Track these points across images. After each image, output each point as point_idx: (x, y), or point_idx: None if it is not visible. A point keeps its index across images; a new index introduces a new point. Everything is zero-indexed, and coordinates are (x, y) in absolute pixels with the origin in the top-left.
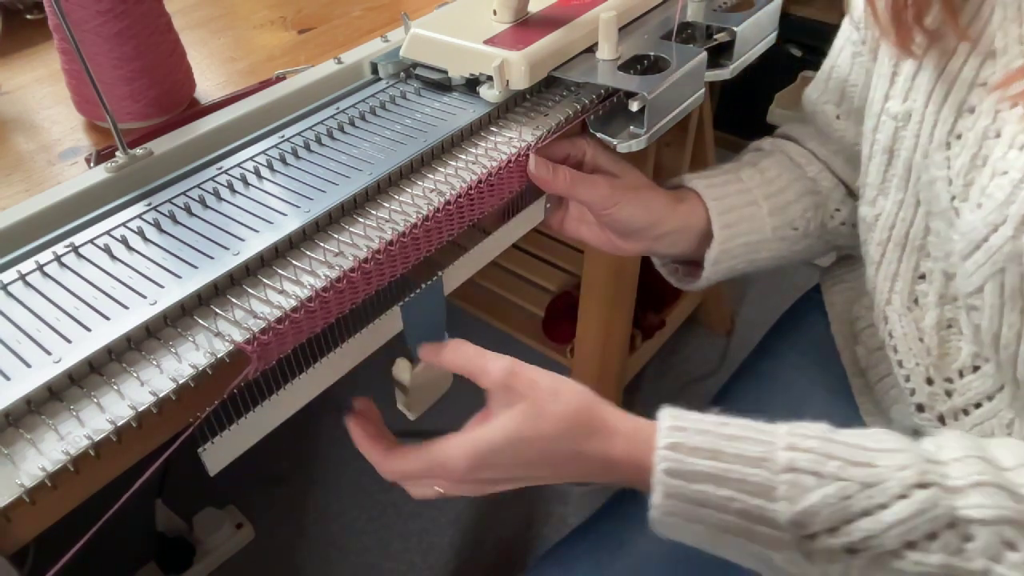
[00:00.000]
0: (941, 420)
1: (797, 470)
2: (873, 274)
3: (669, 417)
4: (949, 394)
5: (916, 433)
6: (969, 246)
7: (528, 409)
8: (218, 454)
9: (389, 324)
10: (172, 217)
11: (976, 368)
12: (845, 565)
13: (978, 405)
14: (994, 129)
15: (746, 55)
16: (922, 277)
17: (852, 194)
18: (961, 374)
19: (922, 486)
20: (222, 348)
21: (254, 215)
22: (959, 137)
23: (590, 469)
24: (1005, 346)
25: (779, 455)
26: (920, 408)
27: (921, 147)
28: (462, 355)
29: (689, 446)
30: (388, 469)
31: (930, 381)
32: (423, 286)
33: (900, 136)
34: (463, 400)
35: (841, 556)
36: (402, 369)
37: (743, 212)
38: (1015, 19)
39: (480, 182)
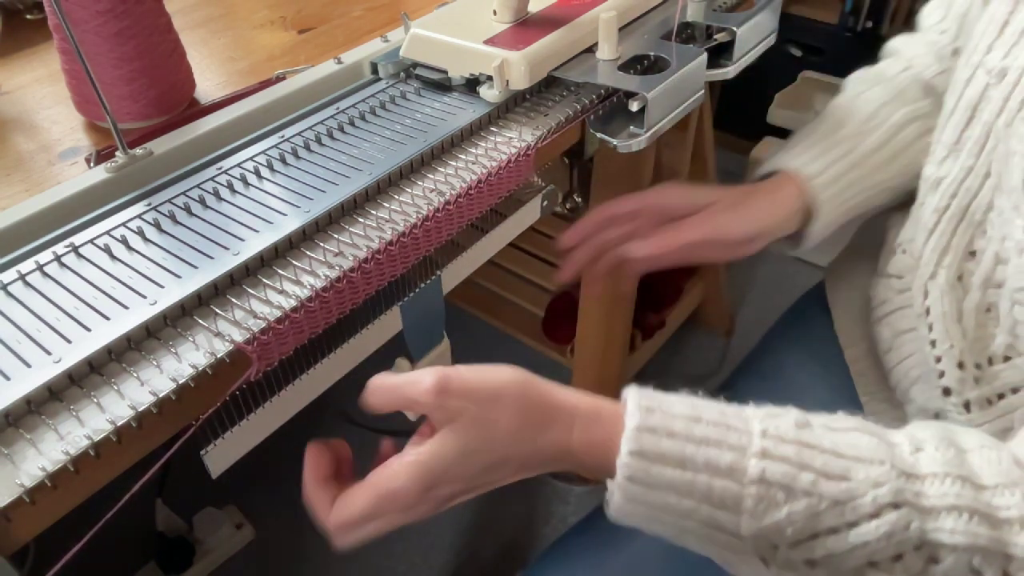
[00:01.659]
0: (967, 407)
1: (767, 482)
2: (922, 242)
3: (636, 412)
4: (978, 381)
5: (937, 416)
6: None
7: (473, 420)
8: (221, 456)
9: (389, 324)
10: (172, 217)
11: (1007, 359)
12: (803, 575)
13: (1002, 396)
14: None
15: (746, 55)
16: (972, 254)
17: None
18: (991, 361)
19: (895, 505)
20: (222, 348)
21: (254, 215)
22: None
23: (548, 460)
24: None
25: (750, 465)
26: (947, 392)
27: (1007, 112)
28: (382, 391)
29: (656, 452)
30: (335, 522)
31: (961, 365)
32: (422, 285)
33: (988, 95)
34: None
35: (800, 567)
36: (402, 368)
37: (848, 177)
38: None
39: (480, 182)
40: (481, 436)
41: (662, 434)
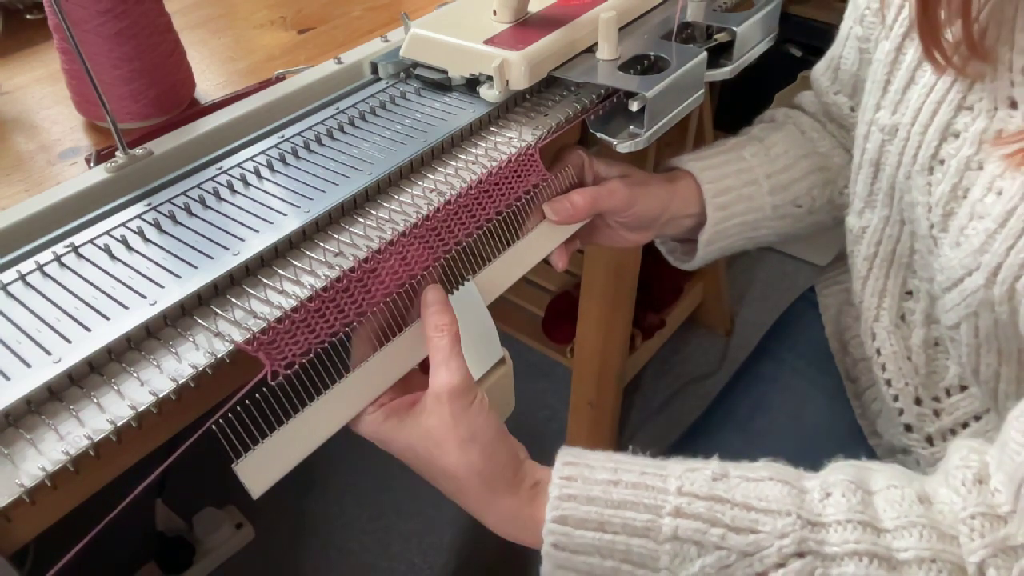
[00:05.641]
0: (929, 440)
1: (680, 539)
2: (860, 288)
3: (558, 483)
4: (937, 414)
5: (904, 452)
6: (946, 281)
7: (434, 435)
8: (258, 472)
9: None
10: (172, 217)
11: (964, 388)
12: None
13: (965, 425)
14: (977, 160)
15: (746, 55)
16: (909, 294)
17: None
18: (948, 393)
19: (800, 555)
20: (222, 348)
21: (254, 215)
22: (942, 163)
23: (469, 507)
24: (984, 381)
25: (664, 523)
26: (908, 428)
27: (904, 166)
28: (436, 343)
29: (576, 518)
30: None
31: (919, 401)
32: (453, 293)
33: (886, 151)
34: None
35: None
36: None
37: (741, 192)
38: (1007, 42)
39: (480, 182)
40: (429, 451)
41: (582, 500)
